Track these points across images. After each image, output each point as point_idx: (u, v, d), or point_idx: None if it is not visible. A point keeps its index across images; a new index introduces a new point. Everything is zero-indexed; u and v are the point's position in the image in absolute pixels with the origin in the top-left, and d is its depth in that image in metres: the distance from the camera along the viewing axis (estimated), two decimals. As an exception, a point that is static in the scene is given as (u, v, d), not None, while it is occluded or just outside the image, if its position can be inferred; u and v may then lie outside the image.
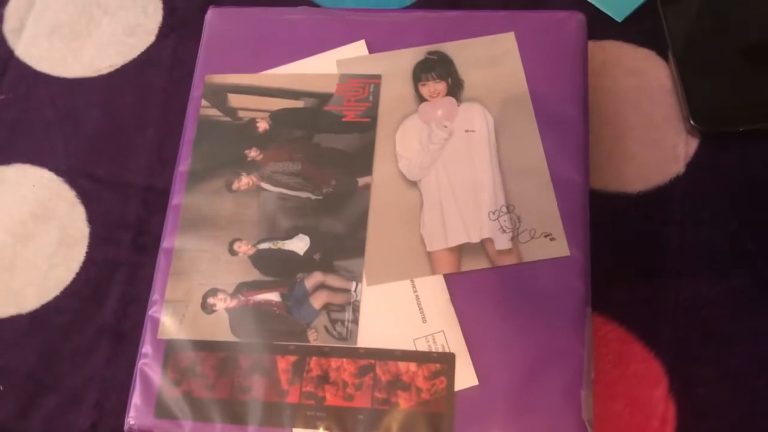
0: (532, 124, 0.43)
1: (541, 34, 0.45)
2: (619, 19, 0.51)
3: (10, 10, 0.56)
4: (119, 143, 0.51)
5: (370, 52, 0.46)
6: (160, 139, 0.51)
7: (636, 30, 0.51)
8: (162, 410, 0.39)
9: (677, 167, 0.47)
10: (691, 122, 0.47)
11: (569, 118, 0.43)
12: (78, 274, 0.48)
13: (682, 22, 0.50)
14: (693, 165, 0.47)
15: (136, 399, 0.40)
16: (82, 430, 0.44)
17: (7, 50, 0.55)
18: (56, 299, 0.47)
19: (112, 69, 0.54)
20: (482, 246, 0.41)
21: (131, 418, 0.40)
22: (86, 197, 0.50)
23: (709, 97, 0.47)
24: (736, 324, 0.43)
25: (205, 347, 0.40)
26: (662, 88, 0.49)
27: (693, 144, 0.48)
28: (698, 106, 0.47)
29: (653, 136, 0.48)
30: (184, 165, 0.45)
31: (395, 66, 0.45)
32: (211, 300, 0.41)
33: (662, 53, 0.50)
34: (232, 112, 0.46)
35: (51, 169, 0.51)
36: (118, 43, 0.55)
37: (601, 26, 0.51)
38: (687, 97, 0.48)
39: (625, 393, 0.42)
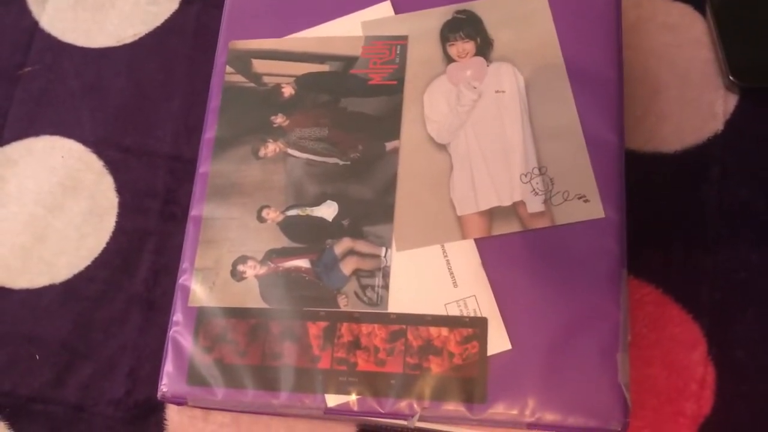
0: (564, 83, 0.42)
1: (573, -10, 0.44)
2: (653, -28, 0.49)
3: (33, -19, 0.56)
4: (145, 112, 0.51)
5: (395, 13, 0.45)
6: (185, 107, 0.51)
7: (671, -16, 0.49)
8: (194, 377, 0.39)
9: (715, 125, 0.46)
10: (730, 78, 0.45)
11: (603, 77, 0.42)
12: (108, 244, 0.48)
13: (720, -26, 0.48)
14: (732, 123, 0.46)
15: (168, 367, 0.40)
16: (116, 398, 0.44)
17: (32, 21, 0.55)
18: (88, 269, 0.47)
19: (136, 38, 0.53)
20: (514, 209, 0.40)
21: (164, 386, 0.40)
22: (114, 167, 0.50)
23: (749, 51, 0.46)
24: (777, 285, 0.42)
25: (236, 314, 0.40)
26: (699, 44, 0.47)
27: (732, 101, 0.46)
28: (737, 60, 0.45)
29: (690, 93, 0.47)
30: (210, 133, 0.44)
31: (422, 26, 0.44)
32: (240, 267, 0.41)
33: (699, 7, 0.48)
34: (256, 77, 0.45)
35: (79, 140, 0.51)
36: (142, 11, 0.54)
37: (634, -20, 0.49)
38: (726, 51, 0.46)
39: (662, 357, 0.41)
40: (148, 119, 0.51)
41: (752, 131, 0.45)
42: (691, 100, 0.46)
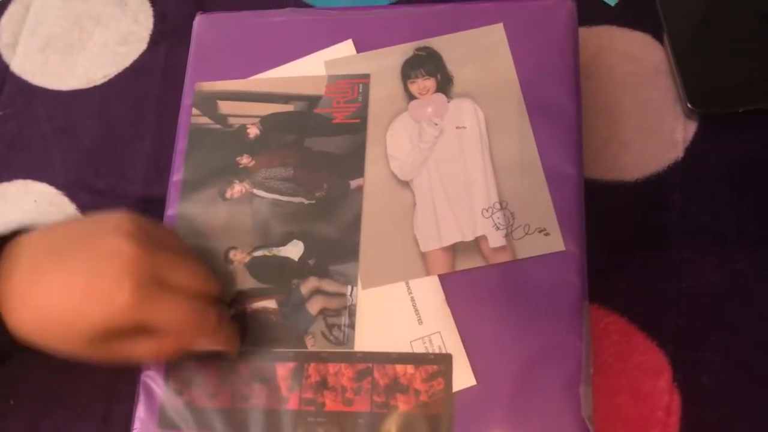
0: (523, 117, 0.43)
1: (531, 24, 0.44)
2: (612, 2, 0.50)
3: (2, 26, 0.57)
4: (116, 154, 0.52)
5: (357, 51, 0.46)
6: (156, 148, 0.51)
7: (629, 13, 0.50)
8: (165, 421, 0.40)
9: (676, 152, 0.46)
10: (689, 105, 0.46)
11: (561, 110, 0.42)
12: (81, 287, 0.48)
13: (676, 3, 0.48)
14: (692, 149, 0.46)
15: (140, 411, 0.40)
16: (90, 442, 0.44)
17: (3, 65, 0.55)
18: (61, 312, 0.47)
19: (106, 79, 0.54)
20: (476, 244, 0.41)
21: (136, 430, 0.40)
22: (87, 210, 0.50)
23: (707, 79, 0.46)
24: (740, 310, 0.42)
25: (206, 357, 0.41)
26: (658, 72, 0.48)
27: (691, 128, 0.47)
28: (695, 88, 0.46)
29: (650, 121, 0.47)
30: (177, 175, 0.45)
31: (383, 64, 0.45)
32: (209, 309, 0.41)
33: (657, 36, 0.49)
34: (222, 119, 0.46)
35: (51, 183, 0.51)
36: (111, 53, 0.55)
37: (593, 11, 0.50)
38: (684, 79, 0.46)
39: (628, 385, 0.42)
40: (119, 160, 0.51)
41: (712, 157, 0.46)
42: (652, 128, 0.47)
